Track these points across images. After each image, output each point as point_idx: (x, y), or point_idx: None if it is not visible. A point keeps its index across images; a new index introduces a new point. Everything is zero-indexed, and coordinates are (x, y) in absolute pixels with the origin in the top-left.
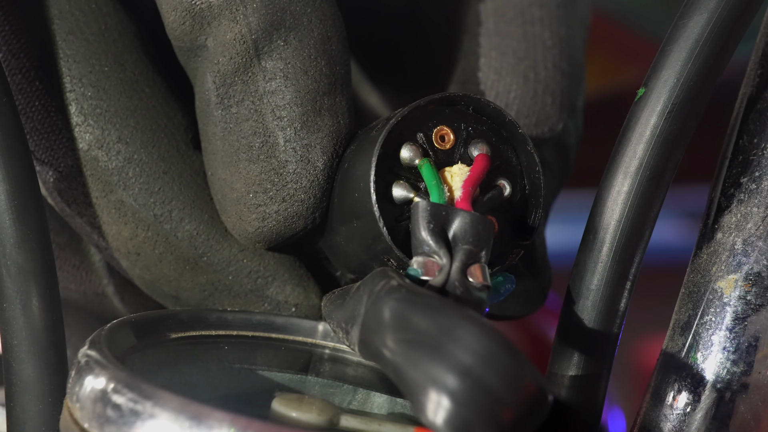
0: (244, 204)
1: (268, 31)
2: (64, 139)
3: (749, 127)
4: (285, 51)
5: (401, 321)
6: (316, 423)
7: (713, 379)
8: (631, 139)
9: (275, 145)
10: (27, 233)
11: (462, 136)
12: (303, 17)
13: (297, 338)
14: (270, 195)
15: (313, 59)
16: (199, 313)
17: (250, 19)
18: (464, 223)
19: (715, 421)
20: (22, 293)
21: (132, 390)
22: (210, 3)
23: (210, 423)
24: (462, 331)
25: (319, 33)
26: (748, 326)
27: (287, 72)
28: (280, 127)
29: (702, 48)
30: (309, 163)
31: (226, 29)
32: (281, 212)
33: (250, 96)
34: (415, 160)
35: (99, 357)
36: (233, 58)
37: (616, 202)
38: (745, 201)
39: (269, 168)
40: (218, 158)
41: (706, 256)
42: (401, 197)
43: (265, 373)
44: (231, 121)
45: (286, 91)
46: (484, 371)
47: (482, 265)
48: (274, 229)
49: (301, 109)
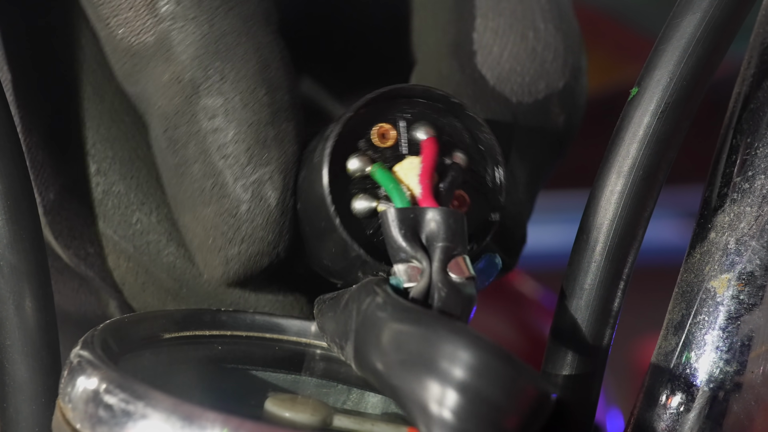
0: (207, 249)
1: (202, 68)
2: (46, 174)
3: (743, 126)
4: (223, 86)
5: (391, 342)
6: (309, 423)
7: (706, 378)
8: (625, 138)
9: (225, 185)
10: (20, 234)
11: (402, 126)
12: (237, 48)
13: (291, 338)
14: (228, 237)
15: (251, 91)
16: (193, 313)
17: (182, 57)
18: (434, 220)
19: (709, 420)
20: (15, 294)
21: (124, 390)
22: (145, 43)
23: (202, 423)
24: (452, 346)
25: (257, 62)
26: (741, 326)
27: (227, 107)
28: (227, 166)
29: (695, 47)
30: (262, 200)
31: (162, 70)
32: (243, 253)
33: (194, 137)
34: (366, 169)
35: (91, 357)
36: (173, 100)
37: (609, 202)
38: (738, 200)
39: (223, 210)
40: (178, 204)
41: (699, 256)
42: (365, 210)
43: (258, 373)
44: (182, 165)
45: (229, 128)
46: (480, 383)
47: (462, 258)
48: (239, 271)
49: (245, 144)
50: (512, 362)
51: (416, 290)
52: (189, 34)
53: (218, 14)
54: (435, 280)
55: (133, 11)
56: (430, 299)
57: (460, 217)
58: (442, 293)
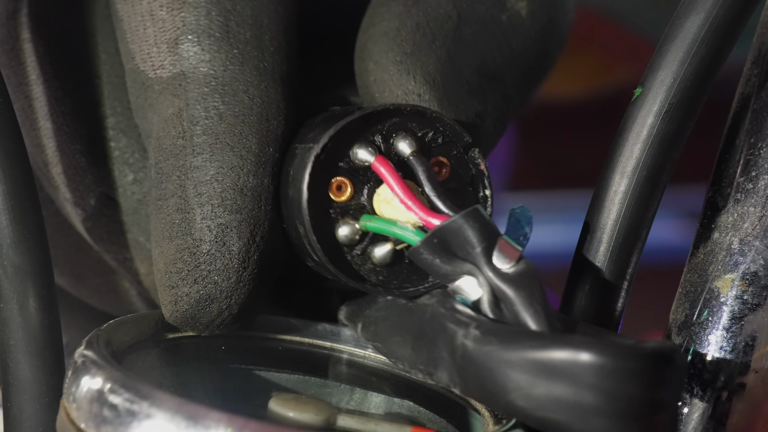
0: (162, 285)
1: (204, 106)
2: (87, 181)
3: (746, 126)
4: (218, 126)
5: (515, 379)
6: (312, 423)
7: (710, 378)
8: (628, 139)
9: (192, 222)
10: (24, 233)
11: (353, 163)
12: (244, 95)
13: (294, 338)
14: (182, 276)
15: (243, 136)
16: None
17: (189, 94)
18: (454, 232)
19: (712, 420)
20: (18, 293)
21: (128, 390)
22: (160, 78)
23: (207, 423)
24: (578, 367)
25: (259, 112)
26: (744, 325)
27: (214, 147)
28: (199, 204)
29: (699, 48)
30: (224, 246)
31: (168, 104)
32: (192, 295)
33: (177, 170)
34: (356, 226)
35: (95, 357)
36: (169, 132)
37: (613, 202)
38: (742, 201)
39: (184, 246)
40: (152, 237)
41: (703, 256)
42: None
43: (262, 373)
44: (162, 198)
45: (210, 167)
46: (623, 386)
47: (501, 243)
48: (188, 314)
49: (221, 186)
50: (632, 354)
51: (486, 303)
52: (201, 74)
53: (234, 61)
54: (495, 284)
55: (156, 47)
56: (503, 303)
57: (473, 212)
58: (509, 293)
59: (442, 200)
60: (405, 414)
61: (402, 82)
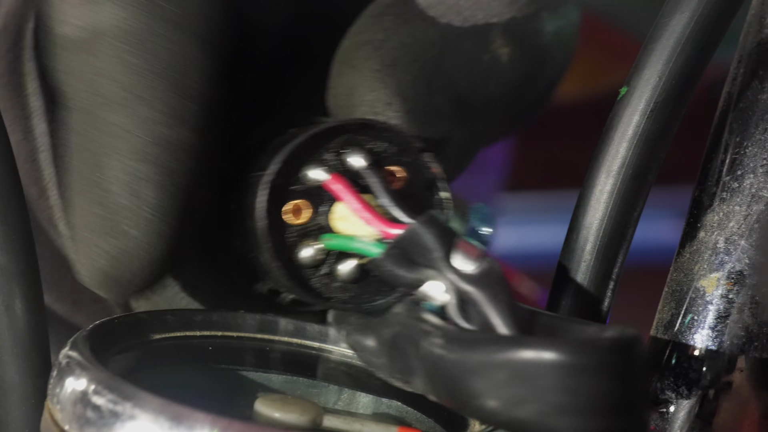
0: (78, 244)
1: (122, 62)
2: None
3: (732, 125)
4: (134, 81)
5: (480, 385)
6: (298, 423)
7: (696, 377)
8: (614, 138)
9: (103, 174)
10: (10, 234)
11: (306, 185)
12: (162, 50)
13: (282, 338)
14: (96, 230)
15: (160, 90)
16: (184, 313)
17: (106, 51)
18: (412, 240)
19: (699, 419)
20: (5, 294)
21: (112, 391)
22: (79, 36)
23: (190, 424)
24: (538, 369)
25: (176, 67)
26: (730, 325)
27: (128, 100)
28: (109, 156)
29: (684, 46)
30: (137, 197)
31: (84, 62)
32: (108, 250)
33: (89, 126)
34: (317, 247)
35: (80, 358)
36: (82, 89)
37: (598, 202)
38: (728, 199)
39: (96, 199)
40: (67, 195)
41: (688, 255)
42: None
43: (248, 374)
44: (73, 154)
45: (123, 121)
46: (587, 388)
47: (461, 244)
48: (106, 270)
49: (134, 138)
50: (593, 346)
51: (452, 307)
52: (120, 31)
53: (154, 18)
54: (458, 287)
55: (71, 6)
56: (468, 305)
57: (428, 218)
58: (473, 294)
59: (399, 210)
60: (392, 414)
61: (374, 89)
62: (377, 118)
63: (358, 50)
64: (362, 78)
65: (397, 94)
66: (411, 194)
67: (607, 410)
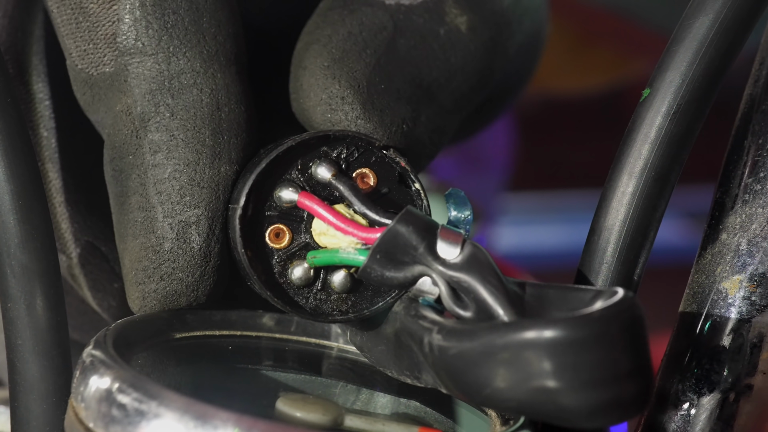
0: (129, 282)
1: (154, 102)
2: (73, 230)
3: (754, 127)
4: (171, 122)
5: (484, 375)
6: (320, 423)
7: (717, 379)
8: (636, 139)
9: (154, 220)
10: (31, 233)
11: (280, 207)
12: (192, 88)
13: (301, 338)
14: (148, 273)
15: (197, 130)
16: (203, 313)
17: (135, 90)
18: (393, 242)
19: (720, 422)
20: (26, 293)
21: (137, 390)
22: (103, 73)
23: (215, 423)
24: (535, 350)
25: (209, 103)
26: (752, 327)
27: (170, 144)
28: (160, 202)
29: (707, 49)
30: (185, 243)
31: (116, 100)
32: (159, 291)
33: (136, 169)
34: (305, 265)
35: (104, 357)
36: (121, 130)
37: (620, 203)
38: (750, 202)
39: (148, 244)
40: (116, 233)
41: (710, 257)
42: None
43: (269, 373)
44: (123, 195)
45: (168, 164)
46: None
47: (442, 235)
48: (155, 309)
49: (179, 183)
50: (590, 318)
51: (446, 298)
52: (146, 69)
53: (177, 53)
54: (448, 276)
55: (92, 44)
56: (461, 292)
57: (404, 215)
58: (464, 280)
59: (375, 212)
60: (411, 414)
61: (327, 86)
62: (336, 114)
63: (307, 50)
64: (314, 78)
65: (350, 87)
66: (385, 193)
67: (613, 379)
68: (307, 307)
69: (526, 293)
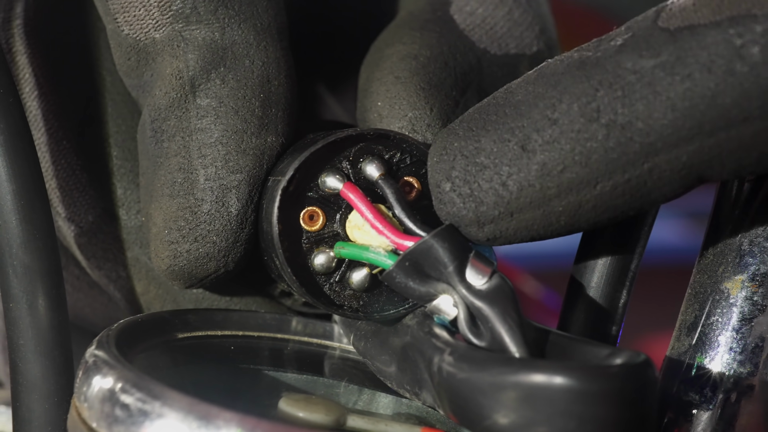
0: (160, 240)
1: (206, 69)
2: (87, 197)
3: None
4: (221, 90)
5: (489, 405)
6: (323, 423)
7: (720, 379)
8: None
9: (195, 182)
10: (33, 233)
11: (322, 192)
12: (245, 59)
13: (303, 338)
14: (183, 233)
15: (247, 99)
16: (205, 313)
17: (189, 56)
18: (425, 253)
19: (722, 421)
20: (28, 293)
21: (140, 390)
22: (154, 38)
23: (218, 423)
24: (547, 393)
25: (260, 74)
26: (754, 327)
27: (219, 111)
28: (202, 165)
29: None
30: (224, 206)
31: (166, 64)
32: (192, 252)
33: (181, 132)
34: (331, 254)
35: (107, 357)
36: (168, 93)
37: None
38: (752, 201)
39: (185, 205)
40: (147, 192)
41: (712, 257)
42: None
43: (271, 373)
44: (161, 155)
45: (215, 130)
46: (595, 415)
47: (473, 259)
48: (185, 269)
49: (225, 148)
50: (603, 372)
51: (463, 322)
52: (200, 36)
53: (231, 24)
54: (469, 302)
55: (144, 9)
56: (479, 320)
57: (442, 232)
58: (484, 310)
59: (413, 221)
60: (414, 414)
61: (418, 107)
62: (414, 135)
63: (403, 61)
64: (407, 93)
65: (439, 118)
66: (426, 205)
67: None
68: (321, 294)
69: (545, 339)
